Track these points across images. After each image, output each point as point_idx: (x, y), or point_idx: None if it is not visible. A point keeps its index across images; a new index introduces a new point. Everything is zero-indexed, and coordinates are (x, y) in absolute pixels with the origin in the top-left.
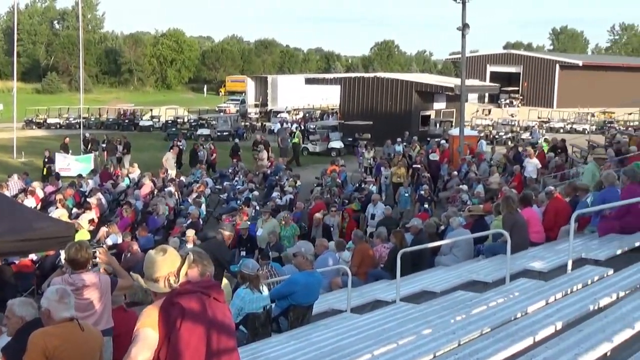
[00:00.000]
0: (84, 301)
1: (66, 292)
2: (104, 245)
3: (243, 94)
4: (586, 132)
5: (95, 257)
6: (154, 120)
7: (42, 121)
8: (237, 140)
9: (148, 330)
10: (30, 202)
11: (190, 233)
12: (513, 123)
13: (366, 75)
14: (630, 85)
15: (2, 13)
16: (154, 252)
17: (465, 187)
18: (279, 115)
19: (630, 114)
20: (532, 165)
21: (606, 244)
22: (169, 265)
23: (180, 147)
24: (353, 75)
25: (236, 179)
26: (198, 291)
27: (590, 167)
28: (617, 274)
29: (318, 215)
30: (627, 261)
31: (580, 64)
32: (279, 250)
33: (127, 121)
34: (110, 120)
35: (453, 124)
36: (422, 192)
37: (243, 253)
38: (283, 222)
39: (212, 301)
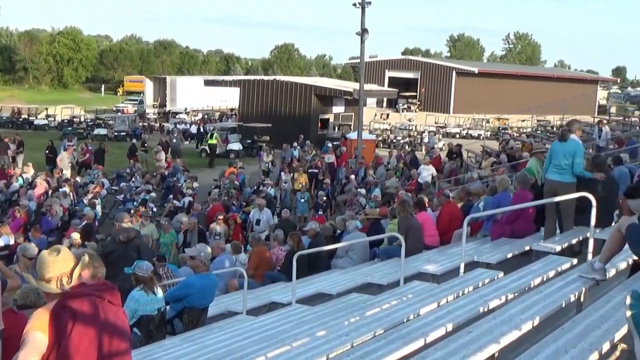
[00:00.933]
0: None
1: None
2: None
3: (141, 94)
4: (481, 137)
5: None
6: (50, 119)
7: None
8: (134, 140)
9: (37, 333)
10: None
11: (76, 236)
12: (410, 128)
13: (266, 78)
14: (523, 92)
15: None
16: (47, 252)
17: (362, 190)
18: (177, 116)
19: (524, 120)
20: (427, 171)
21: (497, 247)
22: (61, 266)
23: (72, 147)
24: (252, 77)
25: (133, 179)
26: (91, 294)
27: (533, 163)
28: (506, 276)
29: (193, 219)
30: (516, 264)
31: (476, 71)
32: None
33: (21, 120)
34: (4, 118)
35: (351, 128)
36: (318, 199)
37: None
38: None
39: (106, 304)
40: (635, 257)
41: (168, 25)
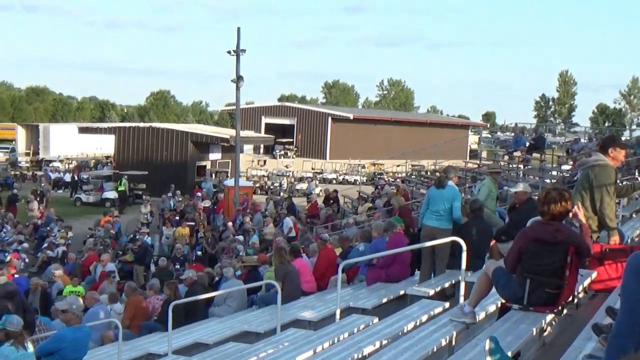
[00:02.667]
0: None
1: None
2: None
3: (13, 142)
4: (357, 183)
5: None
6: None
7: None
8: (14, 190)
9: None
10: None
11: None
12: (288, 174)
13: (141, 125)
14: (398, 138)
15: None
16: None
17: (240, 237)
18: (51, 165)
19: (399, 165)
20: (287, 224)
21: (373, 292)
22: None
23: None
24: (128, 124)
25: (4, 230)
26: None
27: (487, 183)
28: (381, 321)
29: (36, 280)
30: (391, 309)
31: (351, 117)
32: None
33: None
34: None
35: (229, 175)
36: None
37: None
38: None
39: None
40: (503, 300)
41: (40, 72)
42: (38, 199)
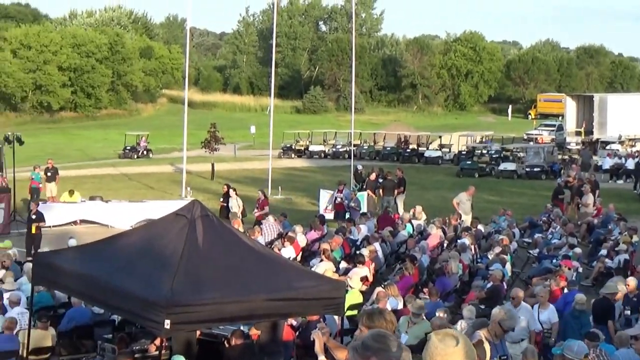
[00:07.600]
0: None
1: None
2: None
3: (560, 118)
4: None
5: None
6: (444, 150)
7: (302, 148)
8: (560, 180)
9: None
10: (288, 251)
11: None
12: None
13: None
14: None
15: (258, 11)
16: (439, 338)
17: None
18: (608, 147)
19: None
20: None
21: None
22: None
23: None
24: None
25: (550, 229)
26: None
27: None
28: None
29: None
30: None
31: None
32: None
33: (409, 150)
34: (388, 149)
35: None
36: None
37: None
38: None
39: None
40: None
41: (594, 27)
42: None
